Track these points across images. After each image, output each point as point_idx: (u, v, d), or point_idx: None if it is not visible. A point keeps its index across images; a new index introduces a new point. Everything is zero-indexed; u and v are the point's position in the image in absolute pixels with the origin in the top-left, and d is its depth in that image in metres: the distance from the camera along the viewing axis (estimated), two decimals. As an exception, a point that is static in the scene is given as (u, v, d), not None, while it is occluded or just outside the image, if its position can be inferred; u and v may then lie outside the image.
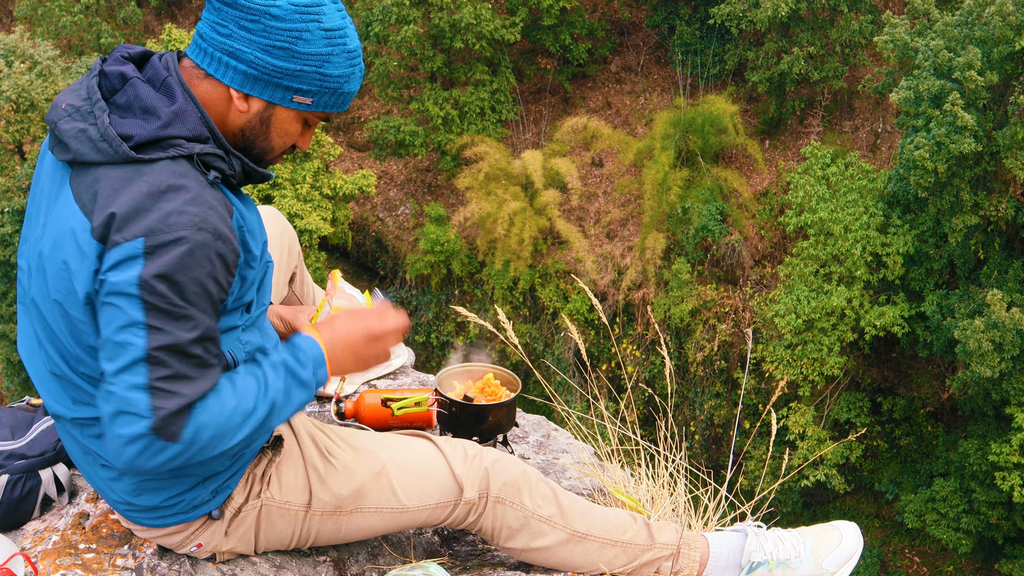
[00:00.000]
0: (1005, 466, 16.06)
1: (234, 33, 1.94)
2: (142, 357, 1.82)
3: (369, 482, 2.30)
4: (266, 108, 2.02)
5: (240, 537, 2.27)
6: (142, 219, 1.83)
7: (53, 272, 1.93)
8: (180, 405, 1.85)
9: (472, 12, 20.06)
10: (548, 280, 20.73)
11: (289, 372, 2.03)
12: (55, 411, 2.10)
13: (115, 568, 2.26)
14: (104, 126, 1.90)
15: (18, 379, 20.16)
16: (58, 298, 1.93)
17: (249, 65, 1.96)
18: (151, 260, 1.81)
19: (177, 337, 1.84)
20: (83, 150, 1.90)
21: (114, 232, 1.83)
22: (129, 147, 1.88)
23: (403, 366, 3.46)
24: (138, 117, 1.92)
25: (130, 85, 1.95)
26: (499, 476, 2.36)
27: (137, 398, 1.82)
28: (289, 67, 1.96)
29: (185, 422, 1.85)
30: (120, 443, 1.83)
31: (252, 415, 1.95)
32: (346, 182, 19.91)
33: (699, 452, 20.04)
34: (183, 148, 1.91)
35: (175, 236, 1.83)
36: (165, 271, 1.82)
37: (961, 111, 15.33)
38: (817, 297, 18.03)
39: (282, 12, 1.92)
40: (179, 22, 25.22)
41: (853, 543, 2.50)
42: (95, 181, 1.89)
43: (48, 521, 2.47)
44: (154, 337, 1.82)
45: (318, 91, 2.01)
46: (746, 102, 22.00)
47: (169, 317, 1.84)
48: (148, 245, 1.81)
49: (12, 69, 18.79)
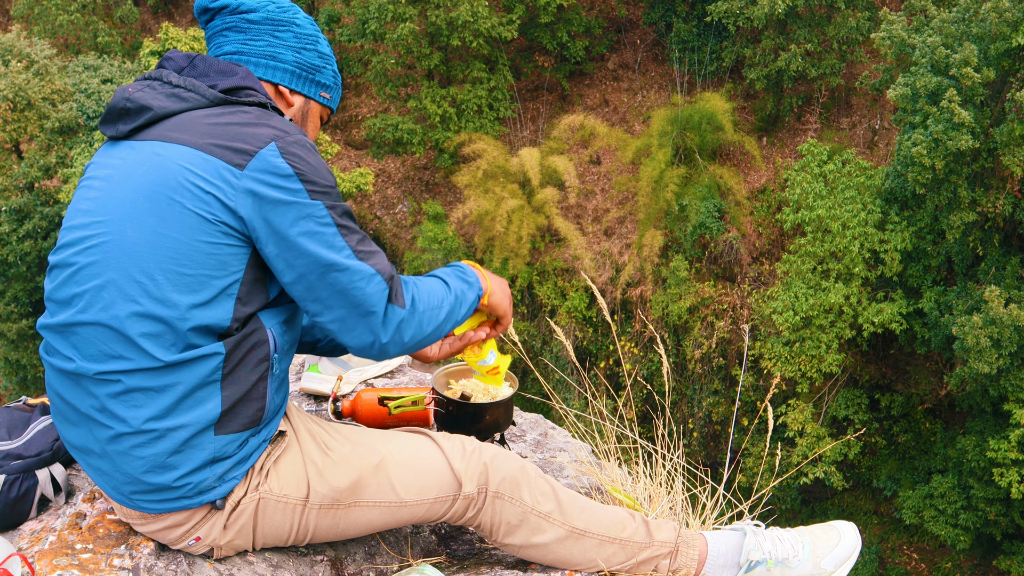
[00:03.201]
0: (1003, 462, 16.09)
1: (271, 41, 2.28)
2: (335, 231, 2.05)
3: (367, 475, 2.30)
4: (305, 103, 2.35)
5: (238, 531, 2.27)
6: (260, 134, 2.04)
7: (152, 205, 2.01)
8: (388, 263, 2.12)
9: (469, 9, 20.05)
10: (546, 278, 20.74)
11: (458, 274, 2.37)
12: (75, 368, 2.08)
13: (112, 568, 2.26)
14: (186, 80, 2.13)
15: (16, 378, 20.19)
16: (155, 225, 2.01)
17: (290, 64, 2.30)
18: (290, 156, 2.02)
19: (344, 209, 2.09)
20: (165, 103, 2.10)
21: (241, 148, 2.02)
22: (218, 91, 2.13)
23: (400, 365, 3.46)
24: (214, 77, 2.17)
25: (199, 59, 2.20)
26: (498, 471, 2.36)
27: (356, 266, 2.06)
28: (318, 63, 2.33)
29: (404, 288, 2.16)
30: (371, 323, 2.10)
31: (446, 299, 2.26)
32: (344, 180, 19.92)
33: (697, 449, 20.06)
34: (260, 97, 2.17)
35: (298, 138, 2.07)
36: (308, 163, 2.04)
37: (958, 108, 15.35)
38: (815, 294, 18.04)
39: (302, 22, 2.32)
40: (176, 21, 25.19)
41: (851, 543, 2.51)
42: (182, 125, 2.07)
43: (45, 521, 2.47)
44: (333, 213, 2.05)
45: (333, 87, 2.39)
46: (743, 99, 22.01)
47: (329, 195, 2.06)
48: (280, 146, 2.03)
49: (9, 68, 18.78)
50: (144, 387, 2.05)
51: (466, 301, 2.34)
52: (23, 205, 19.16)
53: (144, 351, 2.02)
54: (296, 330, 2.26)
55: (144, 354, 2.03)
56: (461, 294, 2.32)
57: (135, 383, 2.05)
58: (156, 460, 2.11)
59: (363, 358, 2.77)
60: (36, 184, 19.79)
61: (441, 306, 2.24)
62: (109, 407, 2.08)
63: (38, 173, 19.21)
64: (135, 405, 2.06)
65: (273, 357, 2.15)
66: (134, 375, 2.04)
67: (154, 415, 2.07)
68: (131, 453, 2.11)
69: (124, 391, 2.06)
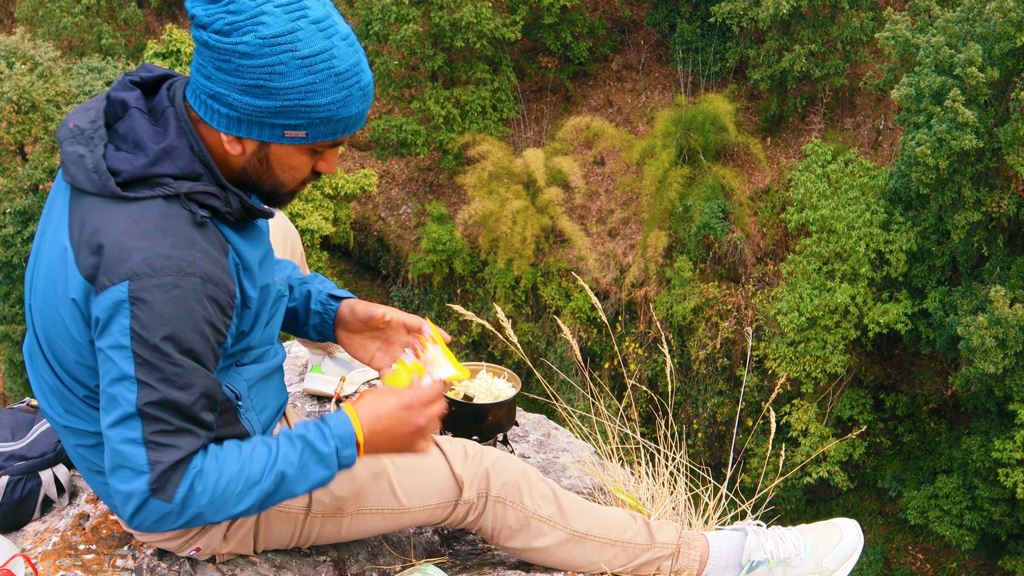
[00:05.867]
0: (1008, 463, 16.06)
1: (213, 76, 1.83)
2: (133, 412, 1.78)
3: (369, 483, 2.30)
4: (260, 147, 1.90)
5: (239, 540, 2.27)
6: (126, 261, 1.78)
7: (44, 302, 1.94)
8: (177, 458, 1.80)
9: (472, 11, 20.06)
10: (550, 279, 20.73)
11: (308, 446, 1.92)
12: (50, 417, 2.10)
13: (115, 569, 2.26)
14: (97, 158, 1.86)
15: (20, 380, 20.19)
16: (47, 326, 1.94)
17: (230, 108, 1.84)
18: (138, 307, 1.76)
19: (168, 393, 1.79)
20: (79, 177, 1.87)
21: (100, 273, 1.79)
22: (117, 182, 1.83)
23: (403, 366, 3.45)
24: (129, 151, 1.87)
25: (128, 116, 1.90)
26: (499, 476, 2.35)
27: (133, 453, 1.78)
28: (269, 105, 1.82)
29: (180, 479, 1.80)
30: (121, 499, 1.81)
31: (257, 484, 1.87)
32: (348, 181, 19.93)
33: (702, 450, 20.04)
34: (170, 187, 1.85)
35: (160, 281, 1.77)
36: (154, 320, 1.77)
37: (962, 107, 15.32)
38: (820, 294, 18.01)
39: (250, 48, 1.78)
40: (180, 23, 25.23)
41: (853, 541, 2.50)
42: (87, 211, 1.86)
43: (48, 522, 2.48)
44: (144, 392, 1.78)
45: (308, 123, 1.86)
46: (747, 100, 21.99)
47: (159, 372, 1.78)
48: (133, 289, 1.76)
49: (13, 70, 18.80)
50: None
51: (307, 479, 1.93)
52: (27, 207, 19.17)
53: (95, 419, 2.00)
54: (260, 366, 2.14)
55: (96, 421, 2.00)
56: (297, 474, 1.91)
57: (100, 439, 2.03)
58: None
59: None
60: (40, 186, 19.81)
61: (245, 495, 1.88)
62: (86, 455, 2.09)
63: (42, 175, 19.23)
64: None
65: (237, 405, 2.08)
66: (96, 435, 2.03)
67: None
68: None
69: (94, 444, 2.05)
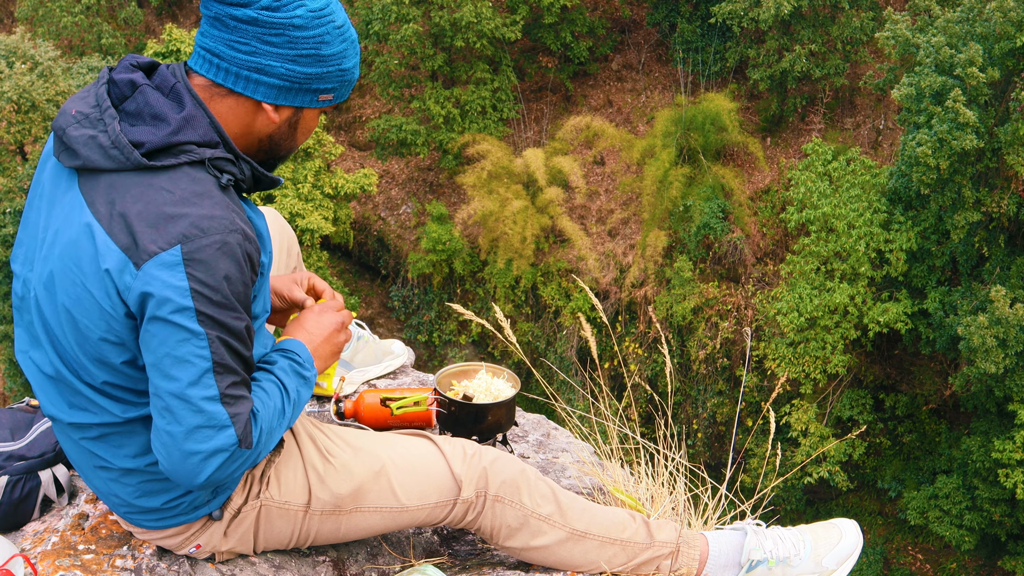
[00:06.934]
0: (1008, 463, 16.05)
1: (258, 49, 1.95)
2: (208, 368, 1.86)
3: (368, 481, 2.30)
4: (295, 113, 2.06)
5: (239, 538, 2.28)
6: (173, 226, 1.83)
7: (64, 278, 1.92)
8: (251, 408, 1.94)
9: (472, 10, 20.05)
10: (550, 279, 20.72)
11: (297, 373, 2.11)
12: (51, 414, 2.10)
13: (114, 569, 2.26)
14: (115, 133, 1.89)
15: (20, 380, 20.17)
16: (68, 304, 1.92)
17: (280, 78, 1.98)
18: (193, 267, 1.82)
19: (232, 343, 1.89)
20: (93, 157, 1.89)
21: (147, 241, 1.83)
22: (141, 153, 1.88)
23: (403, 365, 3.46)
24: (148, 124, 1.92)
25: (139, 92, 1.94)
26: (498, 475, 2.36)
27: (215, 410, 1.87)
28: (318, 71, 2.00)
29: (254, 426, 1.94)
30: (198, 459, 1.87)
31: (284, 414, 2.05)
32: (347, 181, 19.92)
33: (702, 450, 20.04)
34: (194, 153, 1.91)
35: (210, 240, 1.84)
36: (211, 278, 1.84)
37: (963, 107, 15.32)
38: (820, 294, 18.00)
39: (304, 21, 1.95)
40: (180, 22, 25.22)
41: (853, 541, 2.50)
42: (110, 188, 1.88)
43: (48, 522, 2.48)
44: (215, 348, 1.86)
45: (338, 86, 2.06)
46: (747, 100, 21.98)
47: (223, 325, 1.87)
48: (186, 251, 1.82)
49: (13, 70, 18.79)
50: (117, 432, 2.06)
51: (302, 403, 2.14)
52: (28, 207, 19.21)
53: (104, 409, 2.03)
54: (258, 337, 2.18)
55: (104, 411, 2.03)
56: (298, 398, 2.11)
57: (107, 431, 2.06)
58: (144, 488, 2.13)
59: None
60: (41, 186, 19.82)
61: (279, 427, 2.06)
62: (92, 449, 2.10)
63: (43, 175, 19.25)
64: (114, 446, 2.08)
65: None
66: (103, 426, 2.05)
67: (135, 452, 2.08)
68: (119, 481, 2.14)
69: (99, 436, 2.07)
